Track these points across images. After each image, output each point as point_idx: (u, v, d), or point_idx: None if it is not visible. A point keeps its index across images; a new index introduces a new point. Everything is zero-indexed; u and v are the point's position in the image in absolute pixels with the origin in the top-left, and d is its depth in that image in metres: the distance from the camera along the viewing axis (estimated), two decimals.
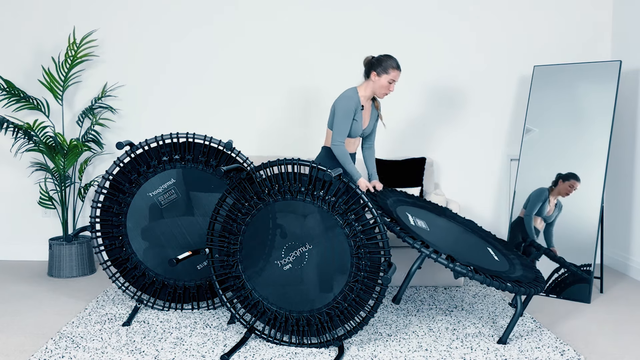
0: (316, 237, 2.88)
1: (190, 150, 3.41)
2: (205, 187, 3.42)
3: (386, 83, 3.31)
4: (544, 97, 4.11)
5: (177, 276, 3.40)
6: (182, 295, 3.42)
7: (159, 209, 3.40)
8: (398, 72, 3.32)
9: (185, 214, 3.42)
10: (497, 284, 2.79)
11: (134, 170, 3.39)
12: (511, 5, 4.63)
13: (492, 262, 3.08)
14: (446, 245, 3.05)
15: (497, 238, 3.55)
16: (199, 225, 3.41)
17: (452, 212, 3.66)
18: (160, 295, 3.43)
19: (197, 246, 3.39)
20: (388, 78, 3.31)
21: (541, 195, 3.91)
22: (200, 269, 3.41)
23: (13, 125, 4.07)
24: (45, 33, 4.55)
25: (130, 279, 3.43)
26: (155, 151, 3.39)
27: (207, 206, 3.40)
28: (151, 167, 3.38)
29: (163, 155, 3.38)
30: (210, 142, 3.39)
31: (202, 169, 3.41)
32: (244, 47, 4.62)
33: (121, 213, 3.39)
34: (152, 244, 3.41)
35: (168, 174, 3.39)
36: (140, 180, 3.37)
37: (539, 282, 3.11)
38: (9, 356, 2.75)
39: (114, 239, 3.41)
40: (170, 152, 3.39)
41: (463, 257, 2.95)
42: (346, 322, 2.86)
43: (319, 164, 2.83)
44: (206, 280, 3.41)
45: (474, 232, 3.46)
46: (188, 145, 3.41)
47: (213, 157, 3.42)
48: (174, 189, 3.39)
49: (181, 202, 3.41)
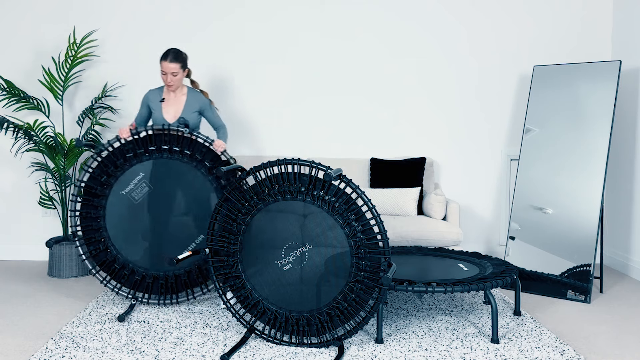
0: (316, 237, 2.88)
1: (153, 142, 3.45)
2: (174, 174, 3.45)
3: (161, 74, 3.57)
4: (544, 97, 4.11)
5: (165, 267, 3.44)
6: (174, 284, 3.45)
7: (135, 205, 3.43)
8: (164, 64, 3.49)
9: (161, 204, 3.45)
10: (459, 288, 2.92)
11: (103, 173, 3.42)
12: (511, 5, 4.64)
13: (460, 273, 3.25)
14: (410, 275, 3.20)
15: (469, 252, 3.70)
16: (176, 212, 3.45)
17: (426, 247, 3.80)
18: (154, 289, 3.46)
19: (176, 235, 3.43)
20: (160, 70, 3.55)
21: None
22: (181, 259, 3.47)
23: (13, 125, 4.08)
24: (45, 33, 4.55)
25: (121, 279, 3.46)
26: (119, 150, 3.42)
27: (180, 193, 3.44)
28: (118, 166, 3.42)
29: (127, 153, 3.42)
30: (169, 130, 3.43)
31: (167, 157, 3.43)
32: (245, 47, 4.62)
33: (99, 217, 3.42)
34: (135, 240, 3.45)
35: (136, 170, 3.42)
36: (111, 181, 3.41)
37: (507, 272, 3.20)
38: (9, 356, 2.75)
39: (97, 243, 3.44)
40: (133, 147, 3.42)
41: (426, 279, 3.11)
42: (346, 322, 2.86)
43: (319, 164, 2.83)
44: (195, 265, 3.44)
45: (444, 257, 3.63)
46: (150, 138, 3.44)
47: (175, 144, 3.45)
48: (145, 182, 3.42)
49: (154, 193, 3.44)
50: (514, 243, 4.03)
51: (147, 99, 3.67)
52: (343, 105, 4.68)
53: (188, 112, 3.61)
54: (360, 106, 4.68)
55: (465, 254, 3.66)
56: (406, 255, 3.63)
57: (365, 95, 4.67)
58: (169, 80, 3.52)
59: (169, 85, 3.55)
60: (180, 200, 3.44)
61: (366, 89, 4.66)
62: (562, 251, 3.82)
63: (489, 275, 3.13)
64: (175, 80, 3.53)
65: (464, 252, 3.70)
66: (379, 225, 2.79)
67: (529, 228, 3.99)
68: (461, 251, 3.71)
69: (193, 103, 3.63)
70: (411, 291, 2.93)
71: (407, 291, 2.94)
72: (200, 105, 3.64)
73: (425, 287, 2.92)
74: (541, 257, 3.89)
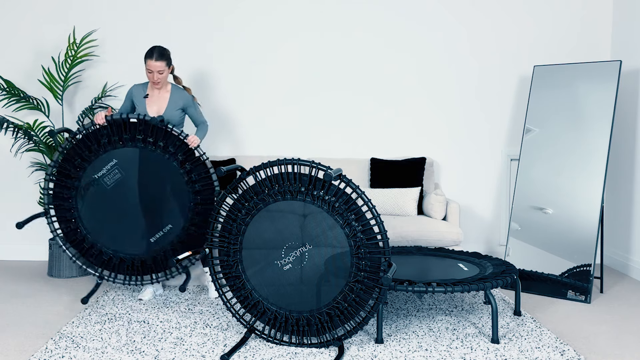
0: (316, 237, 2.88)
1: (127, 130, 3.48)
2: (146, 164, 3.50)
3: (146, 72, 3.55)
4: (544, 97, 4.11)
5: (133, 251, 3.53)
6: (140, 268, 3.55)
7: (106, 189, 3.50)
8: (150, 62, 3.49)
9: (131, 190, 3.51)
10: (459, 288, 2.92)
11: (77, 155, 3.48)
12: (511, 5, 4.64)
13: (460, 273, 3.25)
14: (410, 275, 3.21)
15: (469, 252, 3.71)
16: (145, 200, 3.51)
17: (426, 247, 3.80)
18: (120, 270, 3.56)
19: (144, 221, 3.51)
20: (145, 68, 3.53)
21: None
22: (153, 241, 3.53)
23: (13, 125, 4.07)
24: (45, 33, 4.55)
25: (90, 257, 3.55)
26: (94, 135, 3.47)
27: (151, 182, 3.50)
28: (92, 151, 3.48)
29: (102, 138, 3.47)
30: (145, 119, 3.45)
31: (141, 146, 3.48)
32: (245, 48, 4.62)
33: (70, 197, 3.50)
34: (105, 222, 3.52)
35: (109, 156, 3.48)
36: (84, 164, 3.48)
37: (507, 272, 3.20)
38: (9, 356, 2.75)
39: (68, 222, 3.52)
40: (108, 134, 3.47)
41: (426, 279, 3.11)
42: (346, 322, 2.86)
43: (319, 164, 2.82)
44: (162, 252, 3.53)
45: (444, 257, 3.63)
46: (125, 126, 3.48)
47: (150, 135, 3.48)
48: (118, 169, 3.48)
49: (126, 180, 3.50)
50: (514, 243, 4.03)
51: (131, 93, 3.67)
52: (343, 105, 4.67)
53: (172, 110, 3.62)
54: (361, 106, 4.68)
55: (465, 254, 3.66)
56: (406, 255, 3.63)
57: (366, 95, 4.67)
58: (156, 78, 3.53)
59: (156, 83, 3.55)
60: (151, 189, 3.51)
61: (366, 88, 4.66)
62: (562, 251, 3.82)
63: (489, 275, 3.14)
64: (161, 77, 3.54)
65: (464, 252, 3.69)
66: (379, 225, 2.79)
67: (529, 228, 3.98)
68: (461, 251, 3.71)
69: (177, 100, 3.64)
70: (411, 291, 2.93)
71: (407, 291, 2.94)
72: (184, 102, 3.65)
73: (425, 287, 2.92)
74: (541, 257, 3.89)
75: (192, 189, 3.50)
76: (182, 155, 3.49)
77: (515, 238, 4.03)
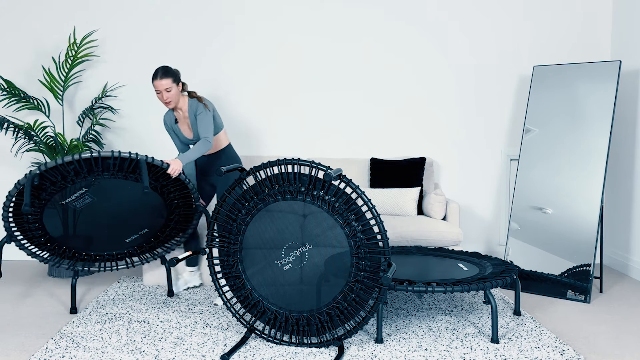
0: (316, 237, 2.88)
1: (98, 164, 3.21)
2: (119, 193, 3.36)
3: (156, 95, 3.51)
4: (544, 97, 4.11)
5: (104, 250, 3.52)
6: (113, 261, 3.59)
7: (75, 210, 3.37)
8: (156, 82, 3.42)
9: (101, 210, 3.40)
10: (459, 288, 2.92)
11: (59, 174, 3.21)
12: (511, 5, 4.64)
13: (460, 273, 3.25)
14: (410, 275, 3.21)
15: (469, 252, 3.71)
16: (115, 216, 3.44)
17: (426, 247, 3.80)
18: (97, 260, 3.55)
19: (113, 228, 3.46)
20: (155, 91, 3.50)
21: None
22: (129, 241, 3.54)
23: (13, 125, 4.08)
24: (45, 33, 4.56)
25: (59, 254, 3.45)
26: (59, 171, 3.18)
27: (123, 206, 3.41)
28: (60, 182, 3.24)
29: (68, 174, 3.20)
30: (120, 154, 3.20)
31: (111, 175, 3.28)
32: (245, 49, 4.63)
33: (37, 220, 3.36)
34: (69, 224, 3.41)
35: (78, 186, 3.27)
36: (54, 190, 3.25)
37: (507, 272, 3.20)
38: (9, 356, 2.75)
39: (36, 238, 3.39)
40: (75, 169, 3.18)
41: (426, 279, 3.11)
42: (346, 322, 2.86)
43: (319, 164, 2.83)
44: (133, 248, 3.56)
45: (444, 257, 3.63)
46: (95, 161, 3.19)
47: (126, 169, 3.28)
48: (89, 195, 3.33)
49: (98, 203, 3.36)
50: (514, 243, 4.03)
51: (166, 125, 3.69)
52: (343, 105, 4.68)
53: (194, 122, 3.57)
54: (360, 106, 4.68)
55: (465, 254, 3.67)
56: (406, 255, 3.63)
57: (366, 95, 4.67)
58: (165, 98, 3.44)
59: (167, 103, 3.47)
60: (122, 211, 3.43)
61: (366, 88, 4.67)
62: (562, 251, 3.82)
63: (489, 275, 3.14)
64: (170, 96, 3.45)
65: (463, 252, 3.70)
66: (379, 225, 2.79)
67: (529, 228, 3.99)
68: (461, 251, 3.72)
69: (192, 113, 3.58)
70: (411, 291, 2.93)
71: (407, 291, 2.94)
72: (193, 112, 3.56)
73: (425, 287, 2.93)
74: (541, 257, 3.90)
75: (167, 199, 3.46)
76: (164, 181, 3.38)
77: (515, 238, 4.03)
